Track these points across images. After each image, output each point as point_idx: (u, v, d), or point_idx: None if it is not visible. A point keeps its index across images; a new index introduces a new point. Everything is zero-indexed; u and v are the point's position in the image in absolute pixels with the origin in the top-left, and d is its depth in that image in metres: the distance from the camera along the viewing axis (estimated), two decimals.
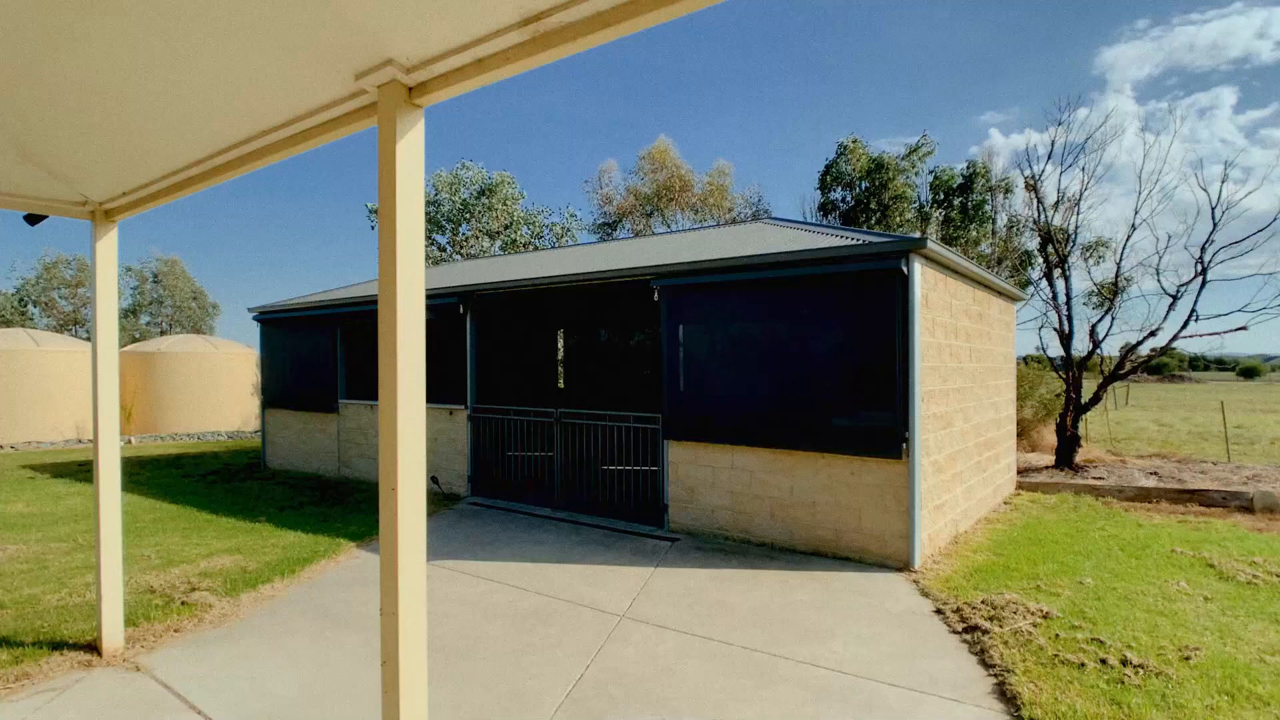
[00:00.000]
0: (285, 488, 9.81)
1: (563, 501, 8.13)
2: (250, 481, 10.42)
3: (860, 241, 6.16)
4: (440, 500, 8.69)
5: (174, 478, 10.89)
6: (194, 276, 35.74)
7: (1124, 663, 3.80)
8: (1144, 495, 8.96)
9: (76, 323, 35.04)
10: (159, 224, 59.93)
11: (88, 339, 33.56)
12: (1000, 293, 8.87)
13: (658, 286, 7.17)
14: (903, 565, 5.79)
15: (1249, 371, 74.59)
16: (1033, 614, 4.49)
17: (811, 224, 10.44)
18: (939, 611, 4.75)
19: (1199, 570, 5.72)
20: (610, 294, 12.09)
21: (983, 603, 4.74)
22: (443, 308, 9.16)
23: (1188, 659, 3.88)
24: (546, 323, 14.95)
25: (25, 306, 34.61)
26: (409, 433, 2.19)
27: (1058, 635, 4.19)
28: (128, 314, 34.69)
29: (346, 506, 8.33)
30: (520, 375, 13.76)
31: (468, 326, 9.07)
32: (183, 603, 4.60)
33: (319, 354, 11.03)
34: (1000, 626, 4.30)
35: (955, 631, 4.38)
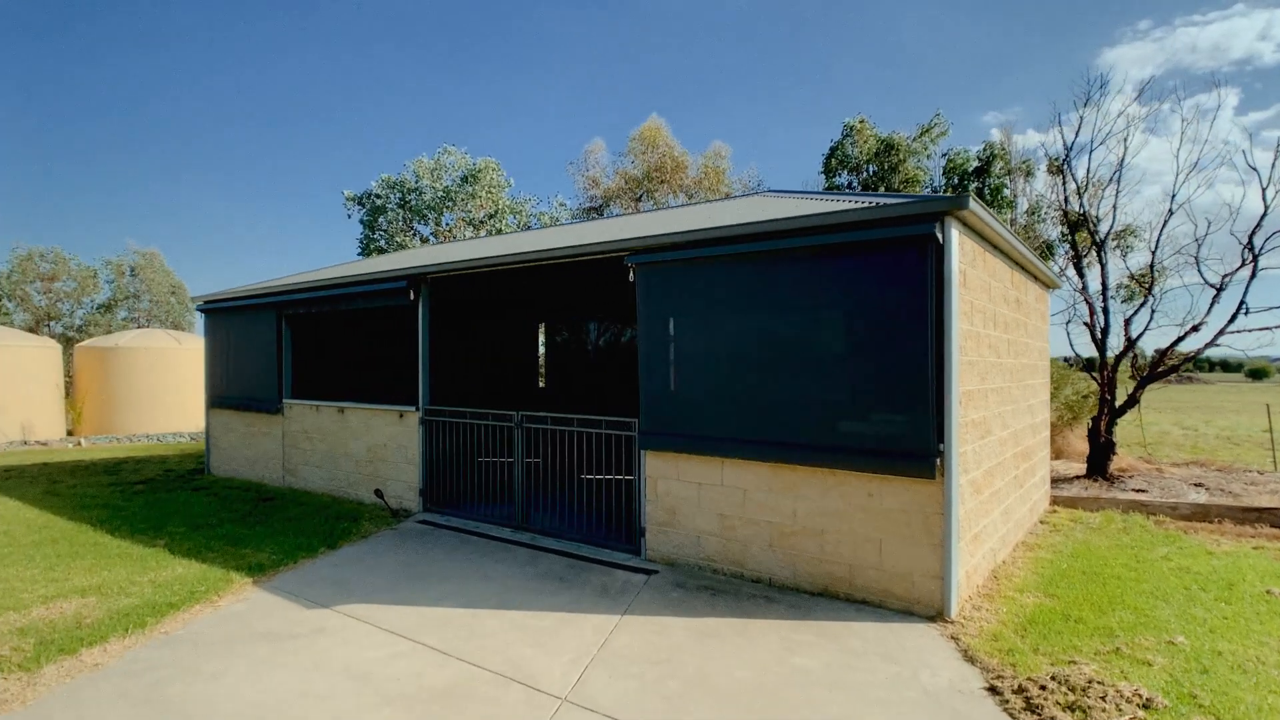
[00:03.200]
0: (215, 500, 8.58)
1: (524, 520, 6.90)
2: (181, 492, 9.18)
3: (880, 204, 4.91)
4: (385, 517, 7.46)
5: (100, 487, 9.66)
6: (173, 270, 34.43)
7: None
8: (1201, 514, 7.73)
9: (51, 317, 33.84)
10: (145, 217, 58.69)
11: (63, 333, 32.38)
12: (1037, 277, 7.63)
13: (633, 264, 5.94)
14: (935, 613, 4.56)
15: (1257, 373, 73.24)
16: (1129, 701, 3.25)
17: (820, 193, 9.17)
18: (993, 690, 3.51)
19: None
20: (590, 279, 10.85)
21: (1053, 679, 3.50)
22: (389, 293, 7.93)
23: None
24: (522, 315, 13.71)
25: None
26: None
27: None
28: (104, 309, 33.44)
29: (271, 525, 7.10)
30: (491, 374, 12.52)
31: (419, 315, 7.83)
32: None
33: (262, 348, 9.80)
34: None
35: None
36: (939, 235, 4.48)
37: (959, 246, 4.71)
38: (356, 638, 4.14)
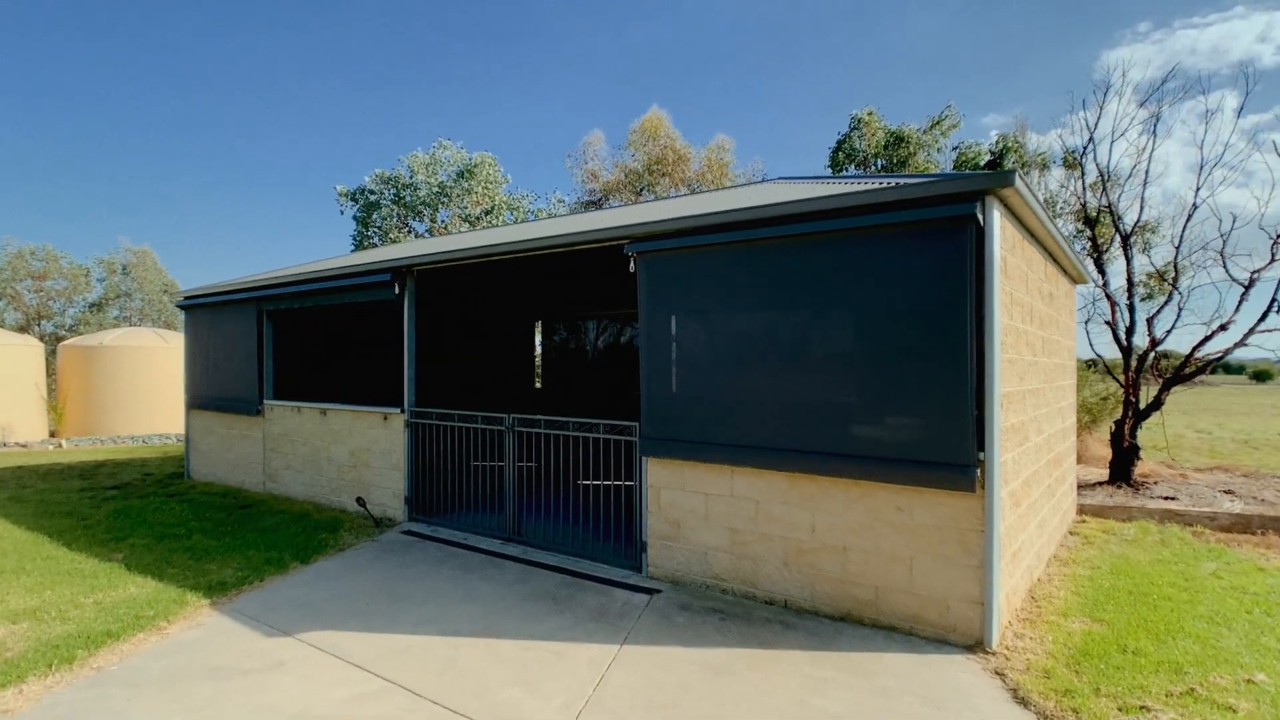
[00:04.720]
0: (189, 507, 8.05)
1: (516, 530, 6.39)
2: (155, 498, 8.66)
3: (909, 184, 4.39)
4: (367, 527, 6.94)
5: (68, 492, 9.13)
6: (166, 269, 33.91)
7: None
8: (1243, 524, 7.22)
9: (43, 316, 33.30)
10: (137, 215, 58.19)
11: (54, 332, 31.86)
12: (1066, 270, 7.12)
13: (634, 254, 5.43)
14: (974, 643, 4.05)
15: (1261, 375, 72.68)
16: None
17: (835, 177, 8.65)
18: None
19: None
20: (588, 273, 10.35)
21: None
22: (372, 286, 7.41)
23: None
24: (517, 312, 13.19)
25: None
26: None
27: None
28: (95, 307, 32.92)
29: (243, 536, 6.58)
30: (484, 374, 12.01)
31: (405, 311, 7.31)
32: None
33: (243, 346, 9.28)
34: None
35: None
36: (980, 217, 3.97)
37: (1000, 231, 4.20)
38: (318, 673, 3.63)
